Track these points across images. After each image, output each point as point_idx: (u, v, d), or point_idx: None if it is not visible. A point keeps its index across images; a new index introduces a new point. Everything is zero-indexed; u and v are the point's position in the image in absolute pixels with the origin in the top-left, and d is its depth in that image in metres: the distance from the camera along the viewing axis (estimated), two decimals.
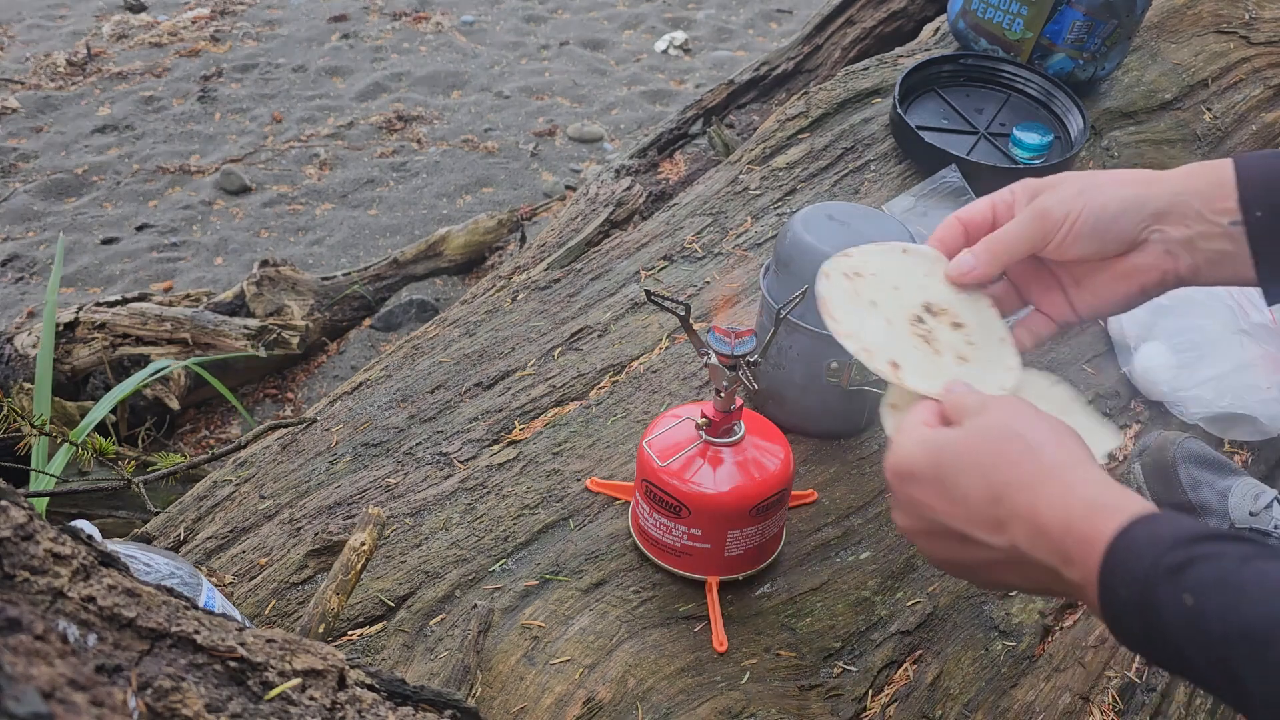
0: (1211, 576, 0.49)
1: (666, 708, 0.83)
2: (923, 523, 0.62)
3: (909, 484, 0.62)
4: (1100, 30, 1.49)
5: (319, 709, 0.52)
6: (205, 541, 1.03)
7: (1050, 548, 0.54)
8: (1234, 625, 0.47)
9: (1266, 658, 0.46)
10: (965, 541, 0.59)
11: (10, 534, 0.45)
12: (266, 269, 2.25)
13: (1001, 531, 0.57)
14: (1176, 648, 0.49)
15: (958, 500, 0.59)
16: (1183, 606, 0.49)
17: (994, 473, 0.58)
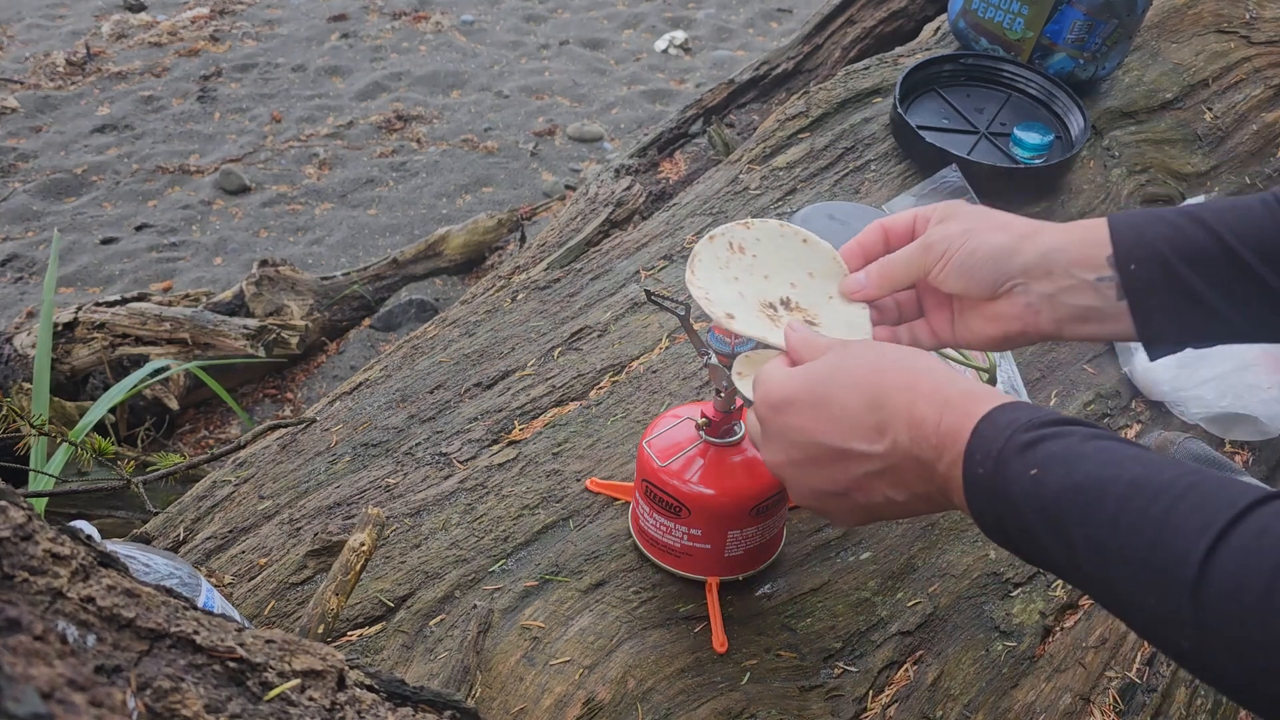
0: (1056, 450, 0.52)
1: (666, 708, 0.83)
2: (797, 449, 0.63)
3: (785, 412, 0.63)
4: (1101, 30, 1.49)
5: (318, 709, 0.52)
6: (204, 542, 1.03)
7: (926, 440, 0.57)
8: (1067, 487, 0.50)
9: (1091, 515, 0.49)
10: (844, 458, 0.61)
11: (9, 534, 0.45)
12: (266, 269, 2.25)
13: (882, 435, 0.59)
14: (1023, 521, 0.52)
15: (836, 415, 0.61)
16: (1028, 478, 0.52)
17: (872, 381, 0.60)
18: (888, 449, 0.59)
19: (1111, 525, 0.49)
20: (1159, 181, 1.49)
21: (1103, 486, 0.50)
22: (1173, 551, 0.46)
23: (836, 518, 0.66)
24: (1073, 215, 1.41)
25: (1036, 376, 1.19)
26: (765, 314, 0.75)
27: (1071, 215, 1.41)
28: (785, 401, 0.63)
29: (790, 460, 0.64)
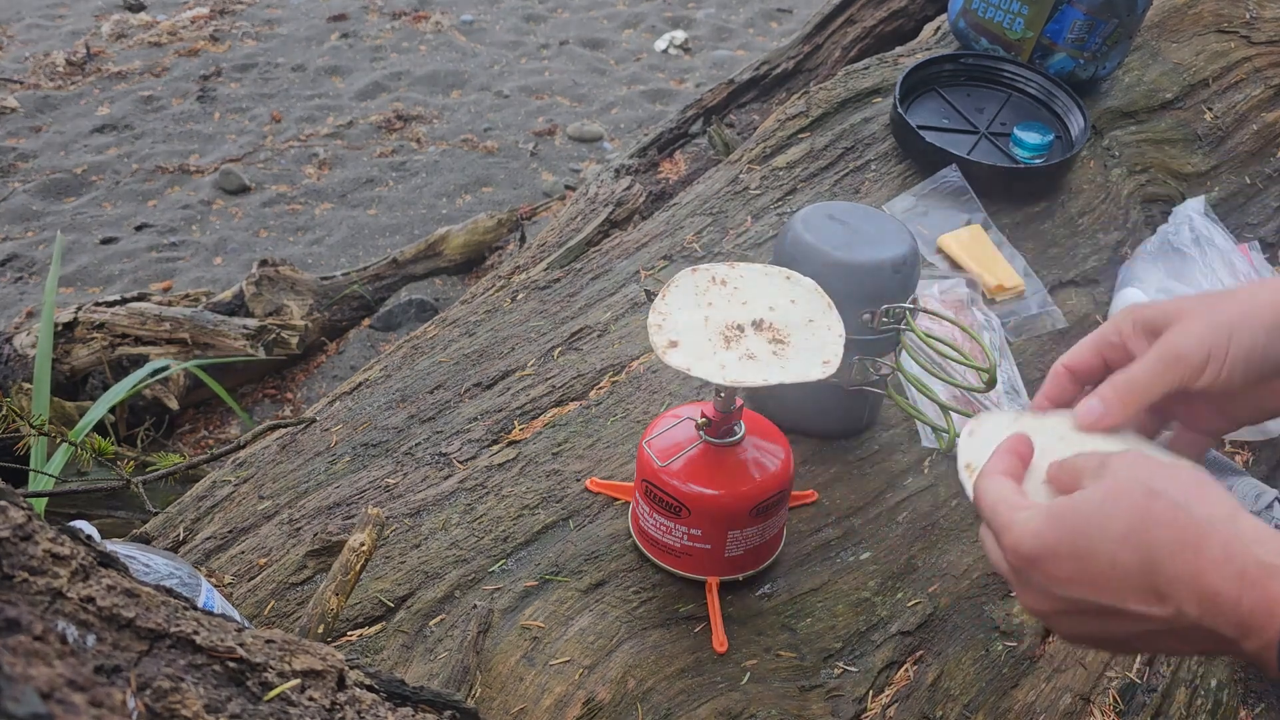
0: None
1: (666, 708, 0.83)
2: (1062, 603, 0.56)
3: (1041, 565, 0.56)
4: (1101, 30, 1.49)
5: (318, 709, 0.52)
6: (204, 542, 1.03)
7: (1224, 616, 0.50)
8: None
9: None
10: (1117, 616, 0.54)
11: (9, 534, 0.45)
12: (266, 269, 2.25)
13: (1163, 601, 0.52)
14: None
15: (1105, 572, 0.53)
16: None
17: (1144, 536, 0.52)
18: (1172, 615, 0.52)
19: None
20: (1159, 181, 1.49)
21: None
22: None
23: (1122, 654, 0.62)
24: (1073, 215, 1.41)
25: (1036, 377, 1.19)
26: (724, 337, 0.76)
27: (1071, 215, 1.41)
28: (1042, 554, 0.56)
29: (1051, 611, 0.57)
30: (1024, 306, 1.26)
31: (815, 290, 0.81)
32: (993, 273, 1.27)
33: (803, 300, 0.80)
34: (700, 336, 0.76)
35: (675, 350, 0.75)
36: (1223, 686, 0.93)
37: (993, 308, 1.25)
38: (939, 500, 1.03)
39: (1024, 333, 1.24)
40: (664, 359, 0.74)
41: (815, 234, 0.98)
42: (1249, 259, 1.28)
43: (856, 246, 0.97)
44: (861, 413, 1.07)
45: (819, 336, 0.77)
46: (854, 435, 1.09)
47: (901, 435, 1.09)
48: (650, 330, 0.76)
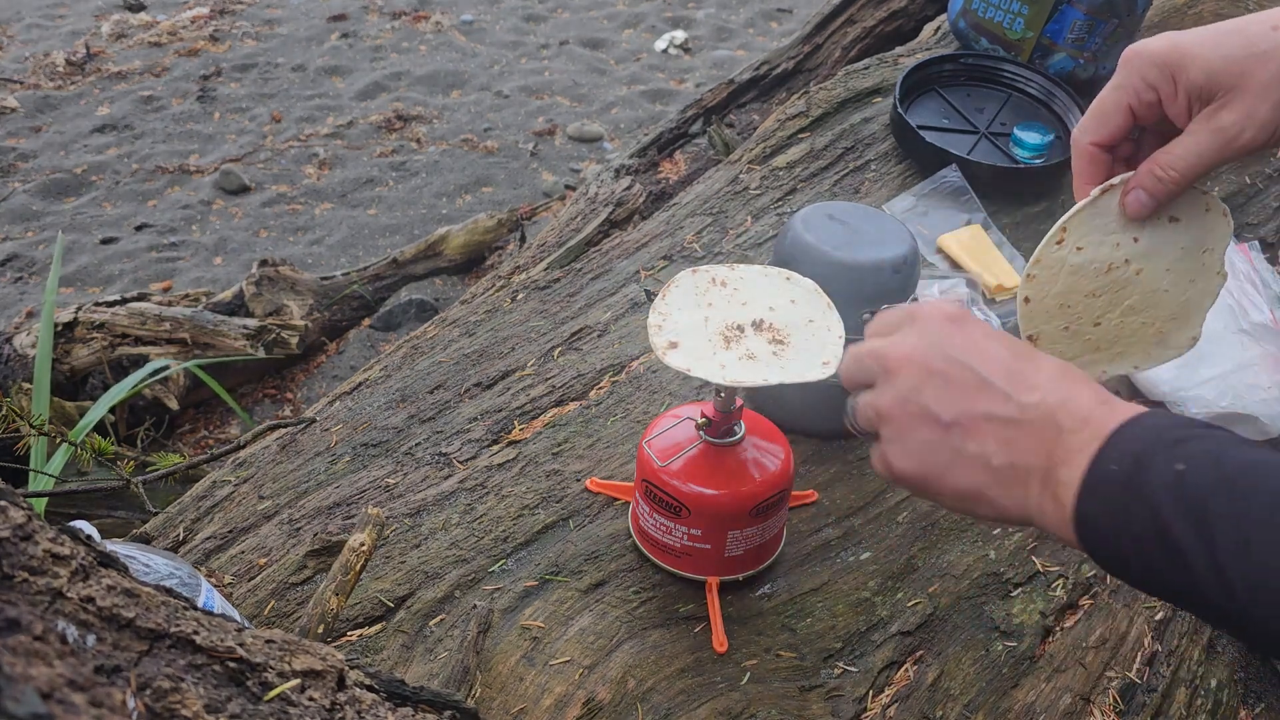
0: (1206, 449, 0.49)
1: (666, 708, 0.83)
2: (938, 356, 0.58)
3: (958, 324, 0.60)
4: (1101, 30, 1.49)
5: (318, 709, 0.52)
6: (204, 542, 1.03)
7: (1075, 411, 0.53)
8: (1217, 481, 0.47)
9: (1246, 509, 0.46)
10: (980, 389, 0.56)
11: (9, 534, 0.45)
12: (266, 269, 2.25)
13: (1031, 390, 0.55)
14: (1153, 512, 0.48)
15: (997, 352, 0.58)
16: (1172, 471, 0.48)
17: (1039, 354, 0.58)
18: (1033, 403, 0.55)
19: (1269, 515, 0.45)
20: None
21: (1258, 481, 0.46)
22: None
23: (905, 450, 0.60)
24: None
25: None
26: (724, 337, 0.76)
27: None
28: (958, 316, 0.60)
29: (924, 359, 0.59)
30: None
31: (815, 291, 0.81)
32: (993, 273, 1.27)
33: (803, 301, 0.80)
34: (700, 337, 0.76)
35: (675, 351, 0.75)
36: (1223, 686, 0.93)
37: (993, 308, 1.25)
38: None
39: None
40: (664, 360, 0.74)
41: (815, 234, 0.98)
42: (1249, 259, 1.28)
43: (856, 246, 0.97)
44: None
45: (819, 337, 0.77)
46: (854, 435, 1.09)
47: None
48: (650, 331, 0.77)
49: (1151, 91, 0.64)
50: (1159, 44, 0.64)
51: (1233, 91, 0.61)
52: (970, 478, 0.57)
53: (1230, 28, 0.63)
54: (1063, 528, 0.53)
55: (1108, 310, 0.73)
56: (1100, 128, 0.67)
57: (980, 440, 0.56)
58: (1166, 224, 0.70)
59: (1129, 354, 0.75)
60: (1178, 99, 0.63)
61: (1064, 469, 0.52)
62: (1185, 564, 0.48)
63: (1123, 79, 0.65)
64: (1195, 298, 0.72)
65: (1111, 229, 0.70)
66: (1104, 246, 0.71)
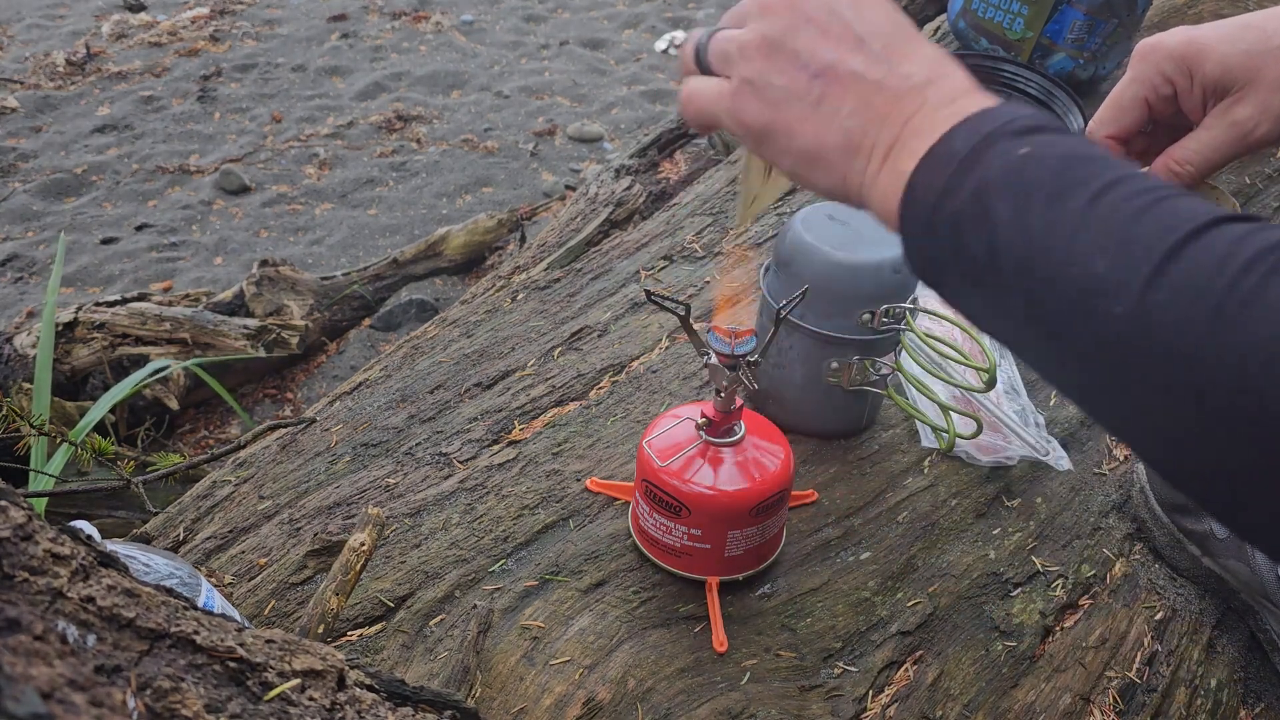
0: (1054, 138, 0.47)
1: (666, 708, 0.83)
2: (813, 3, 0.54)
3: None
4: (1101, 30, 1.49)
5: (318, 709, 0.52)
6: (204, 542, 1.03)
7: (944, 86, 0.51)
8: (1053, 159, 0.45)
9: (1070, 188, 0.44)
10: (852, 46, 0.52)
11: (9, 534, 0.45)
12: (266, 269, 2.25)
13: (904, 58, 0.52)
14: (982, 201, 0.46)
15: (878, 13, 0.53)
16: (1015, 155, 0.46)
17: (919, 35, 0.54)
18: (904, 73, 0.51)
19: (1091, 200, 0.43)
20: None
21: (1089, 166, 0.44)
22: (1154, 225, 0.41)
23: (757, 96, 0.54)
24: None
25: (1036, 377, 1.19)
26: None
27: None
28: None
29: (804, 5, 0.54)
30: None
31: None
32: None
33: None
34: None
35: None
36: (1223, 686, 0.93)
37: None
38: (939, 500, 1.03)
39: None
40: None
41: (815, 234, 0.98)
42: None
43: (856, 246, 0.97)
44: (861, 413, 1.07)
45: None
46: (854, 435, 1.09)
47: (901, 435, 1.09)
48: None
49: (1168, 85, 0.64)
50: (1175, 38, 0.64)
51: (1248, 86, 0.61)
52: (818, 135, 0.53)
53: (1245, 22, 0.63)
54: (888, 200, 0.50)
55: None
56: (1116, 121, 0.67)
57: (841, 97, 0.52)
58: None
59: None
60: (1193, 93, 0.63)
61: (915, 140, 0.50)
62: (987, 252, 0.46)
63: (1138, 73, 0.65)
64: None
65: None
66: None
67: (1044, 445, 1.05)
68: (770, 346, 0.87)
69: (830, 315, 0.98)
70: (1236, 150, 0.63)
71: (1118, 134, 0.67)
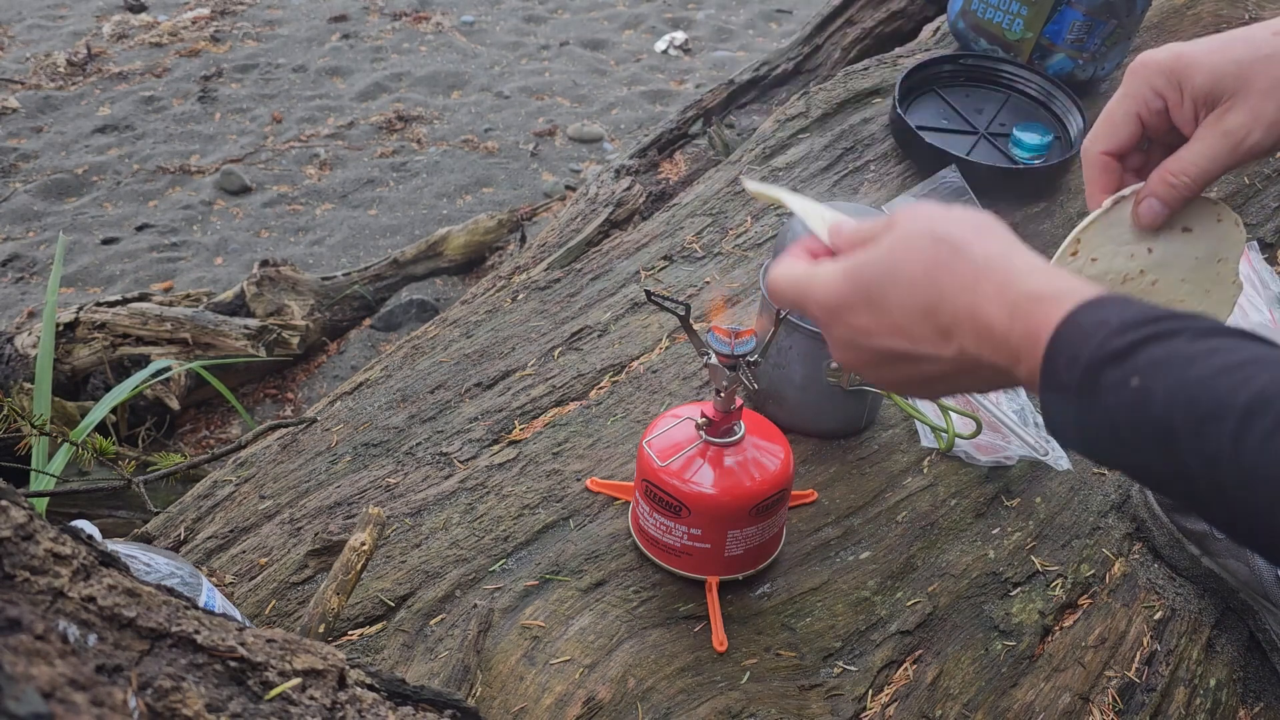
0: (1161, 355, 0.46)
1: (666, 708, 0.83)
2: (865, 353, 0.58)
3: (842, 316, 0.58)
4: (1100, 30, 1.49)
5: (319, 709, 0.52)
6: (205, 541, 1.04)
7: (997, 347, 0.51)
8: (1179, 400, 0.44)
9: (1207, 431, 0.43)
10: (913, 360, 0.56)
11: (10, 534, 0.45)
12: (267, 269, 2.25)
13: (948, 340, 0.54)
14: (1114, 432, 0.47)
15: (897, 320, 0.55)
16: (1128, 389, 0.46)
17: (926, 281, 0.54)
18: (956, 354, 0.53)
19: (1235, 442, 0.42)
20: None
21: (1221, 399, 0.43)
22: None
23: (929, 397, 0.63)
24: (1072, 216, 1.41)
25: None
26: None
27: (1071, 215, 1.41)
28: (840, 306, 0.58)
29: (860, 361, 0.59)
30: None
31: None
32: None
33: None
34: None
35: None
36: (1222, 686, 0.93)
37: None
38: (938, 500, 1.03)
39: None
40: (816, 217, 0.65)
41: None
42: (1248, 259, 1.28)
43: None
44: (861, 413, 1.07)
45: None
46: (854, 435, 1.09)
47: (901, 435, 1.10)
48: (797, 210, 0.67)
49: (1159, 99, 0.65)
50: (1164, 53, 0.64)
51: (1238, 95, 0.62)
52: (943, 389, 0.59)
53: (1232, 35, 0.63)
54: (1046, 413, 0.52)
55: None
56: (1110, 136, 0.68)
57: (954, 384, 0.57)
58: (1180, 234, 0.70)
59: None
60: (1184, 105, 0.64)
61: (1028, 385, 0.52)
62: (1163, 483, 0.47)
63: (1130, 88, 0.66)
64: (1212, 308, 0.72)
65: (1125, 240, 0.70)
66: (1118, 258, 0.70)
67: (1043, 445, 1.05)
68: (770, 346, 0.87)
69: None
70: (1230, 160, 0.63)
71: (1112, 150, 0.68)
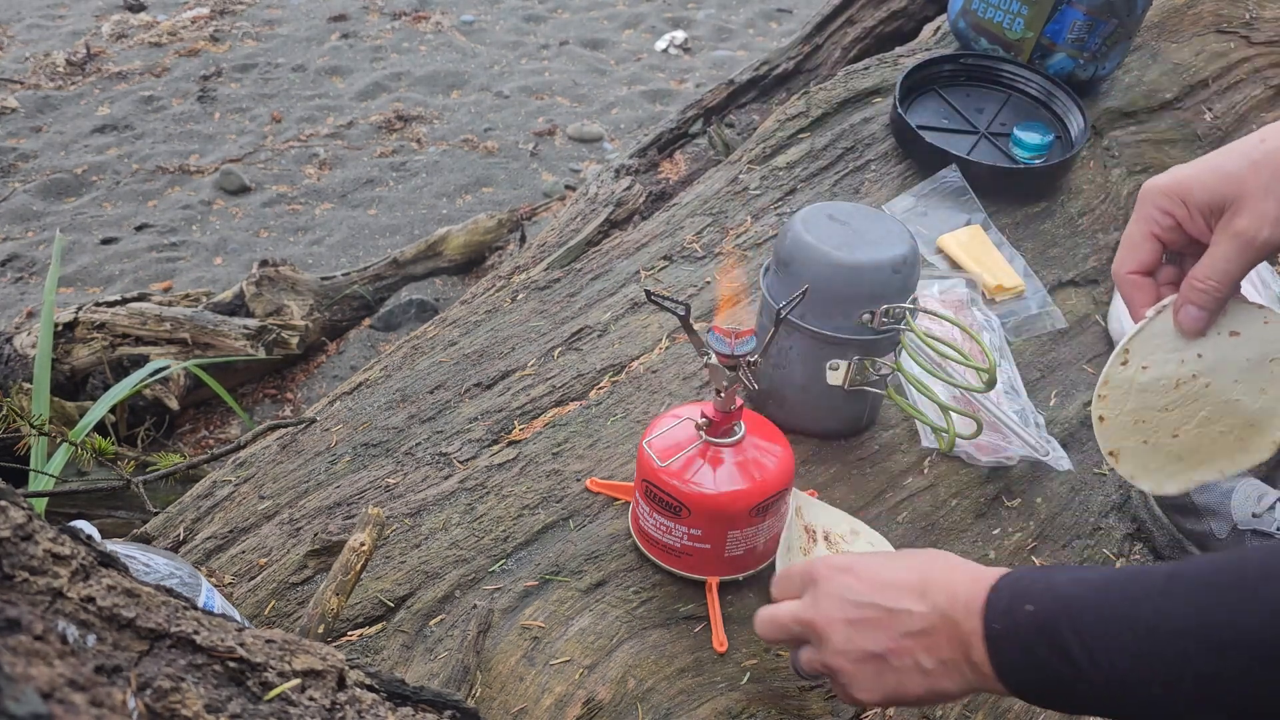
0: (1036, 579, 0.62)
1: (666, 708, 0.83)
2: (850, 607, 0.69)
3: (847, 573, 0.70)
4: (1101, 30, 1.49)
5: (318, 709, 0.52)
6: (205, 542, 1.03)
7: (957, 602, 0.64)
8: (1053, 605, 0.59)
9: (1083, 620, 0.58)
10: (890, 617, 0.67)
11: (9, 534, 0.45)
12: (266, 269, 2.25)
13: (924, 598, 0.66)
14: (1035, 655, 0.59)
15: (888, 579, 0.68)
16: (1024, 613, 0.60)
17: (921, 563, 0.69)
18: (929, 610, 0.65)
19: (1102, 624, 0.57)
20: None
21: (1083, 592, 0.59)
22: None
23: (862, 687, 0.69)
24: (1072, 215, 1.41)
25: (1036, 377, 1.19)
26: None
27: (1071, 215, 1.41)
28: (848, 566, 0.71)
29: (842, 614, 0.69)
30: (1024, 306, 1.26)
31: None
32: (992, 273, 1.27)
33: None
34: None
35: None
36: None
37: (993, 308, 1.25)
38: (939, 500, 1.03)
39: (1024, 333, 1.24)
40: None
41: (815, 234, 0.98)
42: None
43: (856, 246, 0.97)
44: (861, 413, 1.07)
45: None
46: (854, 435, 1.09)
47: (901, 435, 1.09)
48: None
49: (1168, 217, 0.71)
50: (1165, 178, 0.72)
51: (1239, 200, 0.67)
52: (920, 685, 0.66)
53: (1223, 150, 0.70)
54: (999, 687, 0.63)
55: (1183, 423, 0.75)
56: (1133, 257, 0.74)
57: (911, 655, 0.66)
58: (1228, 338, 0.73)
59: (1214, 461, 0.77)
60: (1193, 219, 0.70)
61: (974, 650, 0.63)
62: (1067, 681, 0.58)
63: (1141, 213, 0.73)
64: (1270, 404, 0.74)
65: (1174, 346, 0.74)
66: (1169, 364, 0.74)
67: (1044, 445, 1.05)
68: (770, 346, 0.87)
69: (830, 315, 0.98)
70: (1247, 259, 0.69)
71: (1138, 269, 0.74)
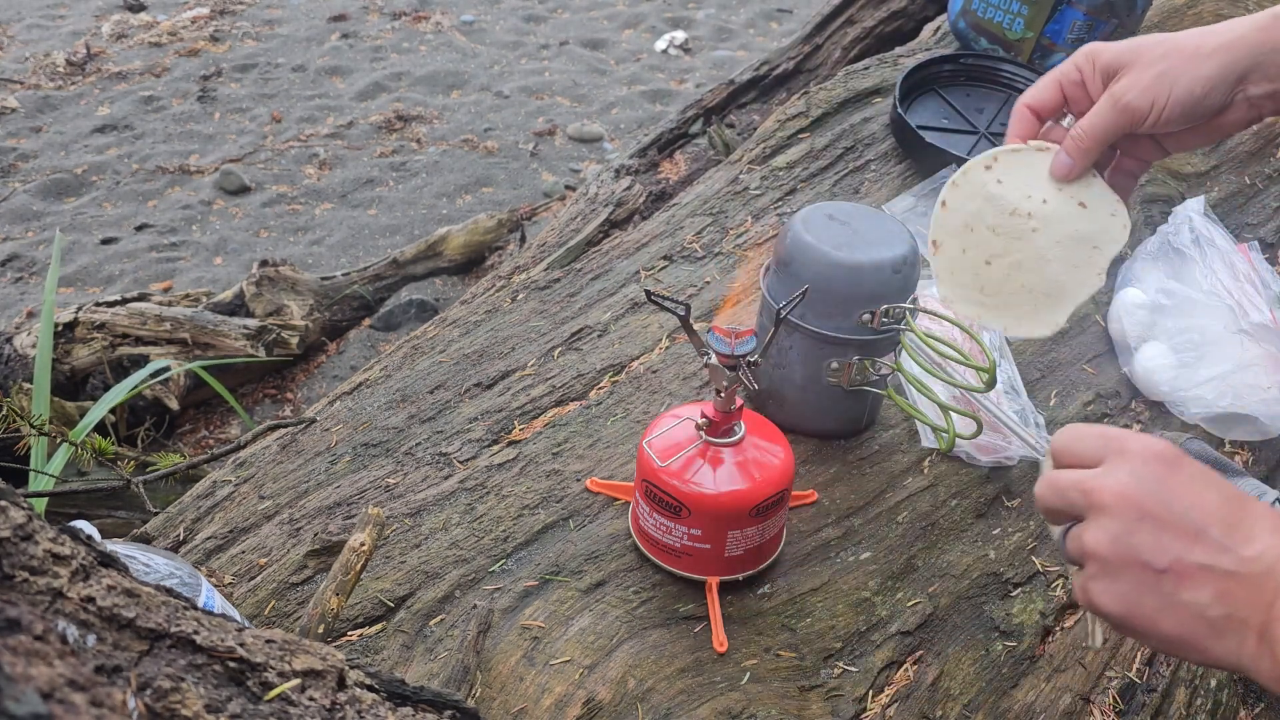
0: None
1: (666, 708, 0.83)
2: (1153, 499, 0.56)
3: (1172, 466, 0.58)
4: (1101, 30, 1.49)
5: (318, 709, 0.52)
6: (205, 542, 1.03)
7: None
8: None
9: None
10: (1194, 537, 0.55)
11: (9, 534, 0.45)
12: (266, 269, 2.25)
13: (1248, 540, 0.54)
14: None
15: (1210, 499, 0.56)
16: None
17: (1254, 504, 0.56)
18: (1252, 556, 0.54)
19: None
20: (1159, 181, 1.49)
21: None
22: None
23: (1110, 590, 0.58)
24: None
25: (1036, 377, 1.19)
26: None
27: None
28: (1175, 459, 0.58)
29: (1138, 500, 0.57)
30: None
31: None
32: None
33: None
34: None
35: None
36: (1222, 686, 0.93)
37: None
38: (939, 500, 1.03)
39: None
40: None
41: (815, 234, 0.98)
42: (1248, 259, 1.28)
43: (856, 246, 0.97)
44: (861, 413, 1.07)
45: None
46: (854, 435, 1.09)
47: (901, 435, 1.09)
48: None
49: (1076, 72, 0.78)
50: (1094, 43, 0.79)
51: (1127, 66, 0.75)
52: (1181, 626, 0.56)
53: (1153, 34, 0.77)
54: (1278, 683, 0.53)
55: (999, 255, 0.81)
56: (1033, 93, 0.81)
57: (1195, 590, 0.55)
58: (1075, 205, 0.79)
59: (1004, 312, 0.83)
60: (1095, 78, 0.77)
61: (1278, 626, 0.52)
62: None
63: (1062, 64, 0.80)
64: (1072, 286, 0.80)
65: (1032, 179, 0.80)
66: (1019, 190, 0.81)
67: (1044, 445, 1.05)
68: (770, 346, 0.87)
69: (830, 315, 0.98)
70: (1114, 119, 0.75)
71: (1032, 105, 0.81)
